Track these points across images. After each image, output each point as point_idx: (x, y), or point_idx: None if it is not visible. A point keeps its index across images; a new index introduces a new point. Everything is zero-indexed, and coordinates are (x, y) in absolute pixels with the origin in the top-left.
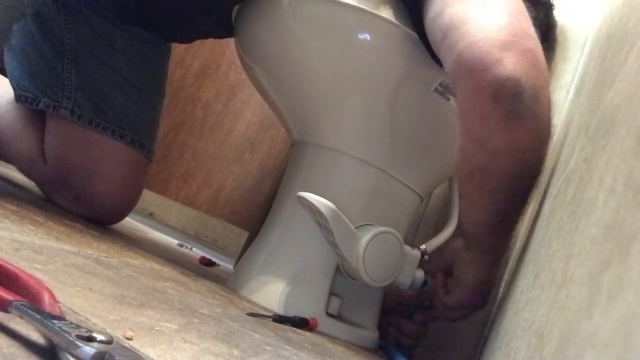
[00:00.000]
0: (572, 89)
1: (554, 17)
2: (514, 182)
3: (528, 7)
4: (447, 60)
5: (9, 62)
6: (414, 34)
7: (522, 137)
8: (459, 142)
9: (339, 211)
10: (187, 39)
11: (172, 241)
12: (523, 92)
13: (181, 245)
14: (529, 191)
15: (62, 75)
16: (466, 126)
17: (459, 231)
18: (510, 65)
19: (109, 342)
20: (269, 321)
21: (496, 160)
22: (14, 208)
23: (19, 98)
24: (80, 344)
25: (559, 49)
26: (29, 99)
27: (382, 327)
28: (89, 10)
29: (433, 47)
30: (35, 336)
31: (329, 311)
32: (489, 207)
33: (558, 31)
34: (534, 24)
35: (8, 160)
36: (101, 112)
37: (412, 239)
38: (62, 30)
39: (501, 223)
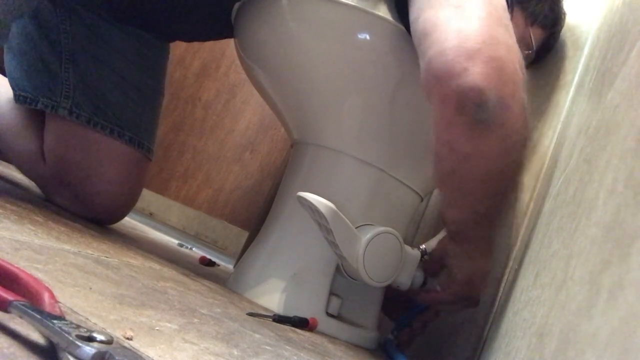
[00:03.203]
0: (572, 89)
1: (562, 9)
2: (488, 185)
3: (520, 4)
4: (420, 66)
5: (8, 62)
6: None
7: (491, 144)
8: (433, 145)
9: (338, 211)
10: (186, 39)
11: (172, 241)
12: (487, 102)
13: (181, 245)
14: (507, 191)
15: (60, 74)
16: (437, 131)
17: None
18: (474, 75)
19: (109, 342)
20: (269, 321)
21: (467, 165)
22: (14, 208)
23: (17, 98)
24: (80, 344)
25: (559, 49)
26: (28, 99)
27: (385, 308)
28: (85, 9)
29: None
30: (35, 336)
31: (329, 311)
32: (467, 207)
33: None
34: (536, 21)
35: (8, 159)
36: (100, 111)
37: (412, 239)
38: (59, 30)
39: (481, 219)
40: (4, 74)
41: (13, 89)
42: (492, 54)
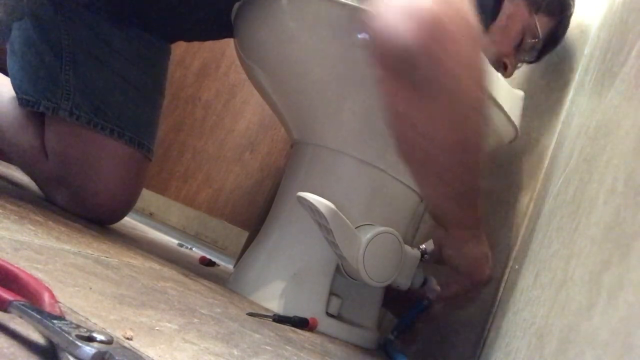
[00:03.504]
0: (572, 89)
1: None
2: (454, 157)
3: None
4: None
5: (11, 65)
6: None
7: (437, 110)
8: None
9: (338, 211)
10: (187, 39)
11: (172, 241)
12: (420, 65)
13: (181, 245)
14: (477, 166)
15: (61, 76)
16: (381, 96)
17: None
18: (405, 36)
19: (109, 342)
20: (269, 321)
21: (420, 134)
22: (14, 208)
23: (20, 101)
24: (80, 344)
25: (559, 49)
26: (30, 102)
27: (388, 305)
28: (86, 10)
29: None
30: (35, 336)
31: (329, 311)
32: (441, 185)
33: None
34: (540, 8)
35: (9, 158)
36: (100, 112)
37: (412, 239)
38: (59, 32)
39: (461, 198)
40: (5, 73)
41: (16, 92)
42: (429, 14)
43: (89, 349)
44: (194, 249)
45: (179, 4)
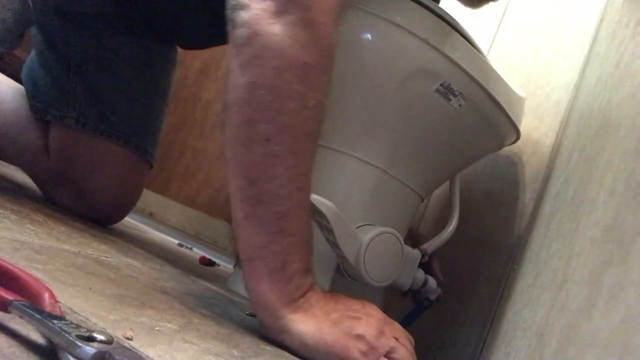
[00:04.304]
0: (573, 89)
1: None
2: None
3: None
4: None
5: (24, 72)
6: (416, 34)
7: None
8: None
9: (339, 211)
10: (199, 46)
11: (172, 241)
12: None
13: (181, 245)
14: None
15: (67, 85)
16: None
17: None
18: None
19: (109, 342)
20: None
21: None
22: (14, 208)
23: (31, 107)
24: (80, 344)
25: (560, 49)
26: (39, 110)
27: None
28: (93, 20)
29: None
30: (35, 336)
31: None
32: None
33: (560, 29)
34: None
35: (9, 158)
36: (106, 119)
37: None
38: (66, 42)
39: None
40: (13, 77)
41: (28, 98)
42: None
43: (89, 349)
44: (194, 249)
45: (185, 13)
